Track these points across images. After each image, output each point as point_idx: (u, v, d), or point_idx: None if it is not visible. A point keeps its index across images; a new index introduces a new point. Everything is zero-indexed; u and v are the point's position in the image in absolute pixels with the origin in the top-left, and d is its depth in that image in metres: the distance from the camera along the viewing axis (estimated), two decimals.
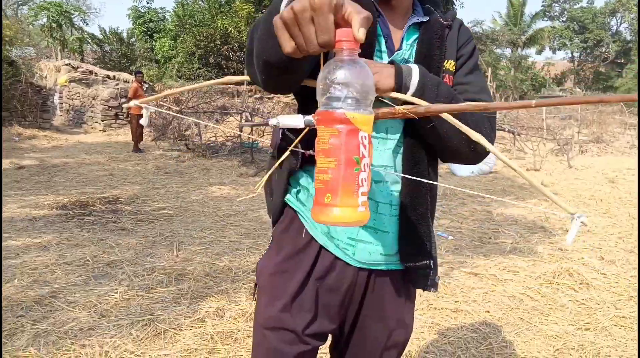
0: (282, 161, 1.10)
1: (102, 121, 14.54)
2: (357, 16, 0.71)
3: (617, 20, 47.14)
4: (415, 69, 1.04)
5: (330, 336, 1.28)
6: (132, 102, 1.54)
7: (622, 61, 45.04)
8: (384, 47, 1.14)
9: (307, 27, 0.72)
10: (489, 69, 22.44)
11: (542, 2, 47.89)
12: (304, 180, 1.20)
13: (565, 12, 47.92)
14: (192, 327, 2.89)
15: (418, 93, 1.02)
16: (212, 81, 1.48)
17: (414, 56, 1.15)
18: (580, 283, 3.68)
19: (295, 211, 1.21)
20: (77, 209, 5.44)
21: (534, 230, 5.21)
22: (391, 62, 1.06)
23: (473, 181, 8.24)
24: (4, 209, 5.34)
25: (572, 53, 48.92)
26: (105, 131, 14.37)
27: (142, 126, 10.95)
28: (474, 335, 2.91)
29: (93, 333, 2.77)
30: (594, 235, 5.01)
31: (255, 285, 1.26)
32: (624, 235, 4.98)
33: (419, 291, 1.31)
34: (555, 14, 48.69)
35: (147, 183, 7.26)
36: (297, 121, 0.77)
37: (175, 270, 3.71)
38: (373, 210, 1.13)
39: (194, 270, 3.72)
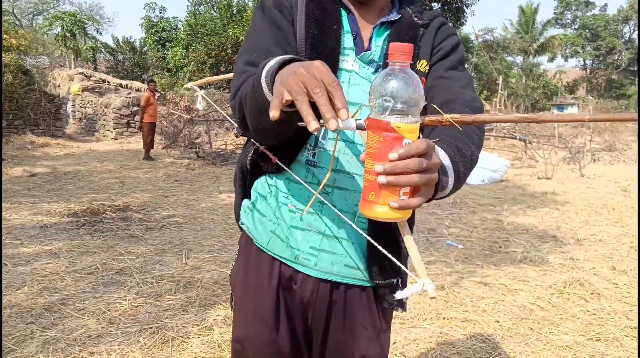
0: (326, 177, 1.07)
1: (114, 129, 14.69)
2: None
3: (630, 27, 46.85)
4: (451, 178, 0.93)
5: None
6: (189, 84, 1.59)
7: (635, 69, 44.67)
8: (351, 45, 1.11)
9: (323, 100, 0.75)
10: (500, 77, 22.34)
11: (554, 9, 47.78)
12: (263, 189, 1.18)
13: (577, 20, 47.73)
14: (200, 335, 2.89)
15: (450, 192, 0.95)
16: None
17: (382, 57, 1.11)
18: (592, 293, 3.63)
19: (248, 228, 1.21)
20: (87, 216, 5.49)
21: (545, 239, 5.16)
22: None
23: (484, 189, 8.19)
24: (16, 216, 5.41)
25: (584, 61, 48.66)
26: (117, 139, 14.52)
27: (153, 135, 11.06)
28: (483, 345, 2.88)
29: (101, 340, 2.78)
30: (606, 244, 4.95)
31: (232, 296, 1.26)
32: (636, 245, 4.91)
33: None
34: (567, 21, 48.53)
35: (158, 191, 7.31)
36: (351, 124, 0.80)
37: (184, 278, 3.72)
38: (335, 218, 1.11)
39: (203, 278, 3.73)
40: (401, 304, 1.18)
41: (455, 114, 0.78)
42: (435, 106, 0.99)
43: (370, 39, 1.12)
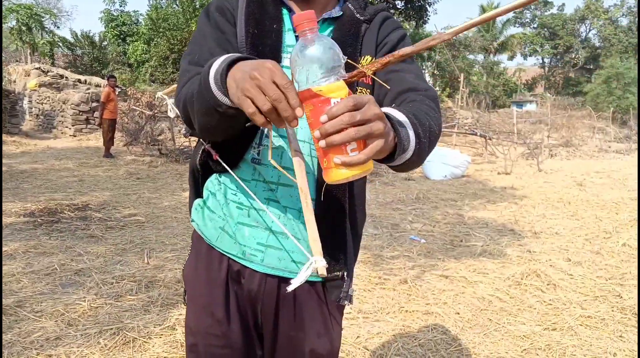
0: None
1: (73, 126, 14.28)
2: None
3: (586, 27, 48.42)
4: (412, 136, 0.92)
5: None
6: (160, 94, 1.56)
7: (591, 67, 46.25)
8: (293, 42, 1.12)
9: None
10: (462, 74, 22.77)
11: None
12: (213, 186, 1.19)
13: (536, 19, 49.04)
14: (162, 335, 2.85)
15: (415, 156, 0.93)
16: None
17: None
18: (548, 284, 3.75)
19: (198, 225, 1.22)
20: (45, 216, 5.33)
21: (504, 232, 5.30)
22: (393, 128, 0.88)
23: (446, 184, 8.35)
24: None
25: (542, 59, 50.07)
26: (75, 136, 14.12)
27: (113, 131, 10.81)
28: (443, 336, 2.94)
29: (60, 343, 2.72)
30: (562, 236, 5.12)
31: (185, 290, 1.26)
32: (591, 237, 5.10)
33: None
34: (527, 20, 49.80)
35: (118, 189, 7.15)
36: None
37: (146, 278, 3.66)
38: (282, 214, 1.12)
39: (165, 277, 3.68)
40: (348, 297, 1.19)
41: (406, 48, 0.81)
42: (390, 98, 1.00)
43: None
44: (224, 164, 1.11)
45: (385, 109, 0.92)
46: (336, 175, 0.79)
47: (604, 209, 6.42)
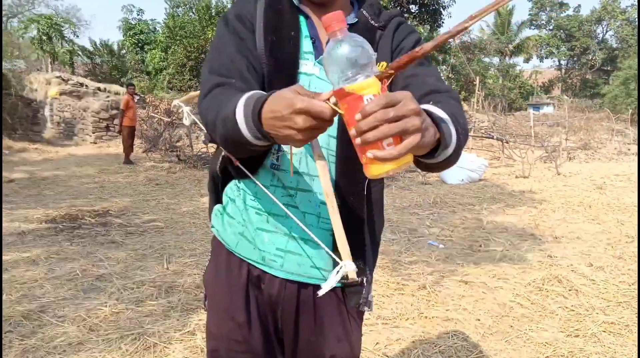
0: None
1: (93, 133, 14.51)
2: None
3: (603, 28, 47.82)
4: (453, 132, 0.94)
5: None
6: (176, 101, 1.58)
7: (609, 68, 45.64)
8: (310, 49, 1.14)
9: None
10: (477, 77, 22.61)
11: (529, 10, 48.48)
12: (233, 192, 1.21)
13: (552, 21, 48.55)
14: (182, 340, 2.87)
15: (455, 152, 0.95)
16: None
17: None
18: (570, 290, 3.70)
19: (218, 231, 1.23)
20: (66, 222, 5.41)
21: (524, 237, 5.24)
22: (435, 124, 0.90)
23: (463, 188, 8.29)
24: None
25: (559, 61, 49.53)
26: (96, 143, 14.33)
27: (133, 138, 10.95)
28: (464, 343, 2.92)
29: (82, 348, 2.75)
30: (583, 241, 5.05)
31: (205, 295, 1.28)
32: (613, 241, 5.02)
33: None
34: (542, 22, 49.34)
35: (138, 195, 7.23)
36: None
37: (165, 283, 3.69)
38: (301, 219, 1.12)
39: (184, 283, 3.71)
40: (367, 303, 1.19)
41: (427, 44, 0.80)
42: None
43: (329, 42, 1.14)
44: (245, 171, 1.12)
45: (425, 106, 0.92)
46: (374, 170, 0.79)
47: (626, 212, 6.32)
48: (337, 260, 0.93)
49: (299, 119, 0.81)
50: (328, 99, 0.83)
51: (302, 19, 1.16)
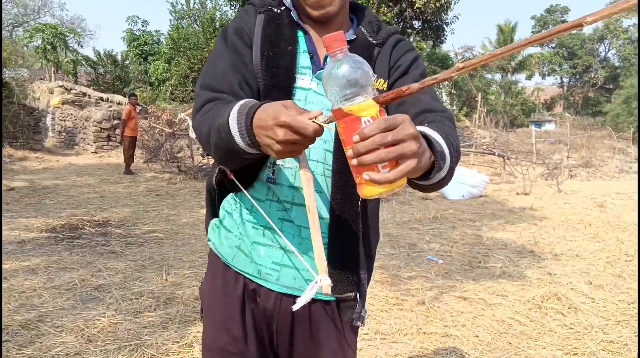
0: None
1: (94, 142, 14.55)
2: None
3: (605, 46, 48.08)
4: (447, 154, 0.96)
5: None
6: (182, 115, 1.60)
7: (611, 87, 45.79)
8: (308, 64, 1.15)
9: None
10: (479, 94, 22.71)
11: (532, 28, 48.81)
12: (230, 206, 1.22)
13: (554, 39, 48.81)
14: (179, 352, 2.87)
15: (448, 174, 0.98)
16: None
17: None
18: (569, 308, 3.69)
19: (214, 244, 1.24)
20: (66, 232, 5.41)
21: (524, 254, 5.24)
22: (430, 147, 0.91)
23: (464, 204, 8.29)
24: None
25: (561, 78, 49.74)
26: (97, 152, 14.37)
27: (134, 149, 10.98)
28: None
29: None
30: (583, 259, 5.04)
31: (201, 308, 1.28)
32: (612, 260, 5.01)
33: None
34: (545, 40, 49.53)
35: (138, 206, 7.24)
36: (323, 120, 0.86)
37: (164, 294, 3.69)
38: (296, 234, 1.13)
39: (183, 294, 3.70)
40: (360, 318, 1.19)
41: (414, 84, 0.80)
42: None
43: (326, 58, 1.14)
44: (238, 184, 1.13)
45: (421, 128, 0.93)
46: (368, 191, 0.80)
47: (626, 231, 6.31)
48: (314, 273, 0.94)
49: (280, 131, 0.83)
50: (315, 118, 0.84)
51: (300, 34, 1.17)
